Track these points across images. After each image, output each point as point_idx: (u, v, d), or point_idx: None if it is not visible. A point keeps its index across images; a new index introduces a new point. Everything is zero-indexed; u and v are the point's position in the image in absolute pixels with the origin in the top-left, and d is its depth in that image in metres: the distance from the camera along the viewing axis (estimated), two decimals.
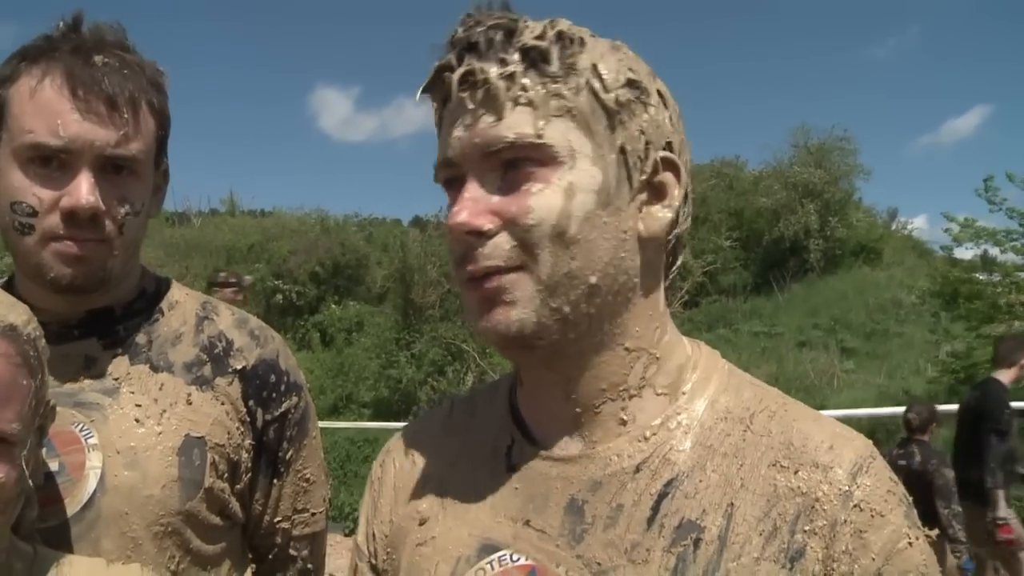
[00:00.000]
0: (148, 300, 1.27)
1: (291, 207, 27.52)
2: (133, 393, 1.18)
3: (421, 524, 0.90)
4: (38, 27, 1.19)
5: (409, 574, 0.89)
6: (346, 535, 10.49)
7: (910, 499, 0.81)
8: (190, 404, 1.20)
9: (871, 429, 8.35)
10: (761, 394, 0.86)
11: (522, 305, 0.79)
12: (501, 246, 0.79)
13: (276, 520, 1.32)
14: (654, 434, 0.82)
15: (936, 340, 14.96)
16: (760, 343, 16.99)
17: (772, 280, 20.90)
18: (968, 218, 12.65)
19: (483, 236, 0.79)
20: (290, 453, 1.31)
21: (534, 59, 0.79)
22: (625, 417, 0.83)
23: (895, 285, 18.84)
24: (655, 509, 0.79)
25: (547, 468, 0.84)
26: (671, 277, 0.88)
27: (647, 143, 0.82)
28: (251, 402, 1.25)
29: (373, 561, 0.97)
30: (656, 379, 0.84)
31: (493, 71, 0.79)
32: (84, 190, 1.10)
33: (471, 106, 0.80)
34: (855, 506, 0.76)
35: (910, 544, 0.77)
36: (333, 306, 22.28)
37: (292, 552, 1.36)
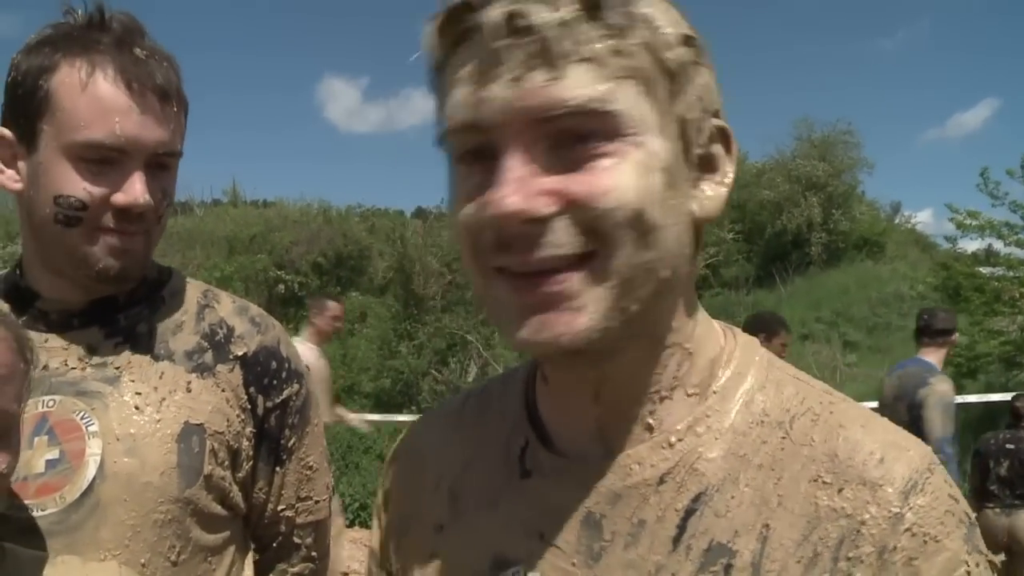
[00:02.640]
0: (150, 288, 1.27)
1: (294, 197, 27.51)
2: (133, 381, 1.18)
3: (434, 531, 0.84)
4: (44, 17, 1.18)
5: None
6: (346, 526, 10.47)
7: (972, 517, 0.72)
8: (189, 392, 1.20)
9: None
10: (804, 392, 0.75)
11: (591, 311, 0.66)
12: (568, 231, 0.65)
13: (279, 508, 1.32)
14: (680, 440, 0.73)
15: None
16: None
17: (774, 273, 20.89)
18: (972, 210, 12.67)
19: (539, 223, 0.65)
20: (292, 441, 1.31)
21: (591, 4, 0.64)
22: (652, 422, 0.74)
23: (898, 279, 18.83)
24: (681, 528, 0.71)
25: (562, 475, 0.76)
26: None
27: (703, 111, 0.70)
28: (252, 389, 1.25)
29: (388, 568, 0.90)
30: (688, 378, 0.75)
31: (545, 15, 0.63)
32: (139, 190, 1.13)
33: (517, 57, 0.64)
34: (906, 531, 0.67)
35: (968, 573, 0.68)
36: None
37: (296, 540, 1.36)
